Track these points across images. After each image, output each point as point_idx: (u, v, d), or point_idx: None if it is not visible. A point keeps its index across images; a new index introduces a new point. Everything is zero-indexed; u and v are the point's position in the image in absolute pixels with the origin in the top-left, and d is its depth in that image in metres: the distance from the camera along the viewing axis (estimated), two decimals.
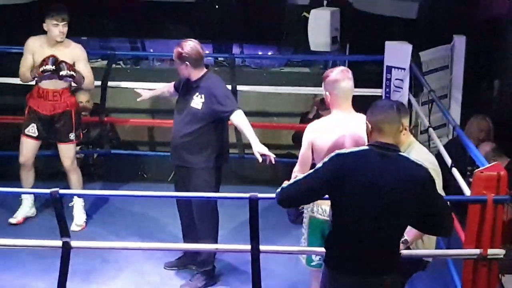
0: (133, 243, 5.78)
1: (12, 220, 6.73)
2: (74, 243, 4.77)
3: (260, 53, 8.27)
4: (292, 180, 4.17)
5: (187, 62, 5.65)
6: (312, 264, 5.07)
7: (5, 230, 6.52)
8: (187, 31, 8.71)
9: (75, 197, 6.75)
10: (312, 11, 7.75)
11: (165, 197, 6.05)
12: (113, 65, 7.51)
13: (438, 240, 5.94)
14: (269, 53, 8.29)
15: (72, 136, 6.60)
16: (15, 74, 7.44)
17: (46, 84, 6.47)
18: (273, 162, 5.44)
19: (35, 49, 6.43)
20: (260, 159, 5.41)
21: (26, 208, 6.83)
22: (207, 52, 8.20)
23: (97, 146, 7.60)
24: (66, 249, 4.70)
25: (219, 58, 8.09)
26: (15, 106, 7.95)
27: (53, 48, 6.39)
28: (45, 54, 6.34)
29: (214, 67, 8.03)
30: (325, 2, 8.39)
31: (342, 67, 4.96)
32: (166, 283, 5.93)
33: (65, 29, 6.39)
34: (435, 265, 5.45)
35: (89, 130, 7.56)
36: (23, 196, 6.81)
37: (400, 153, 3.98)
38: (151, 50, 8.26)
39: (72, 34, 8.29)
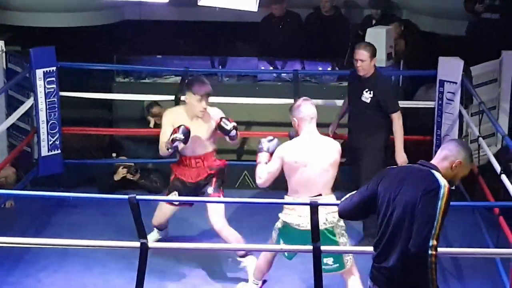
0: (202, 244, 5.87)
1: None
2: (151, 244, 4.91)
3: (320, 69, 8.30)
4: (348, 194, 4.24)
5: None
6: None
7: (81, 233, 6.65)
8: (252, 49, 8.84)
9: None
10: (369, 29, 7.78)
11: (233, 203, 6.12)
12: (186, 81, 7.66)
13: (486, 240, 5.96)
14: (328, 69, 8.31)
15: (210, 190, 5.98)
16: (94, 89, 7.67)
17: (187, 152, 5.97)
18: None
19: (175, 121, 5.83)
20: None
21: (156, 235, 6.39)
22: (270, 68, 8.31)
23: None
24: (144, 249, 4.83)
25: (283, 74, 8.13)
26: (97, 119, 8.18)
27: (193, 120, 5.88)
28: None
29: (277, 82, 8.09)
30: (373, 22, 8.45)
31: (304, 97, 5.44)
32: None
33: (208, 104, 5.85)
34: (484, 265, 5.44)
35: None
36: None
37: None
38: (220, 67, 8.36)
39: (148, 53, 8.55)
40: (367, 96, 6.40)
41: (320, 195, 5.24)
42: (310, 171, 5.23)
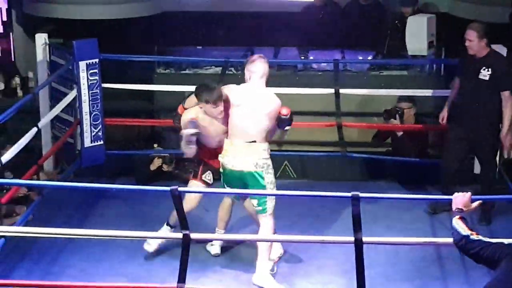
0: (243, 235, 5.85)
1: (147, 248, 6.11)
2: (193, 235, 4.91)
3: (360, 58, 8.24)
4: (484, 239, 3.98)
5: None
6: None
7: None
8: (292, 38, 8.78)
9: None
10: (410, 18, 7.68)
11: (284, 195, 6.03)
12: (226, 71, 7.65)
13: None
14: (369, 58, 8.24)
15: None
16: (135, 81, 7.68)
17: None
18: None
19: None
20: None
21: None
22: (311, 58, 8.26)
23: None
24: (186, 240, 4.83)
25: (323, 64, 8.08)
26: (138, 110, 8.21)
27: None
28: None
29: (318, 72, 8.04)
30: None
31: (260, 55, 5.87)
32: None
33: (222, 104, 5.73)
34: None
35: None
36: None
37: None
38: None
39: (188, 45, 8.56)
40: (485, 74, 6.49)
41: (255, 141, 5.62)
42: (246, 116, 5.63)
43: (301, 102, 7.68)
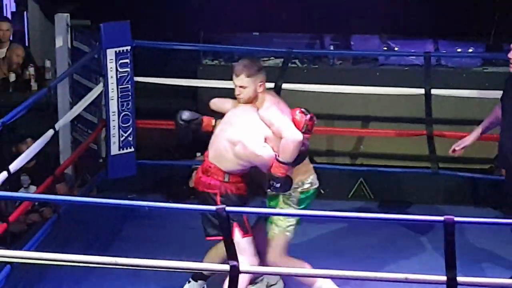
0: (303, 270, 5.78)
1: None
2: (243, 267, 4.89)
3: (458, 50, 8.16)
4: None
5: None
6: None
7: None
8: (372, 24, 8.74)
9: None
10: None
11: (345, 218, 6.03)
12: (289, 64, 7.63)
13: None
14: (469, 50, 8.17)
15: None
16: (176, 74, 7.71)
17: None
18: None
19: None
20: None
21: None
22: (396, 49, 8.21)
23: None
24: (234, 274, 4.82)
25: (411, 57, 8.03)
26: (178, 110, 8.22)
27: None
28: None
29: (404, 67, 7.99)
30: None
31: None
32: None
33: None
34: None
35: None
36: None
37: None
38: (332, 48, 8.30)
39: (242, 30, 8.56)
40: None
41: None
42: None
43: (382, 104, 7.67)
